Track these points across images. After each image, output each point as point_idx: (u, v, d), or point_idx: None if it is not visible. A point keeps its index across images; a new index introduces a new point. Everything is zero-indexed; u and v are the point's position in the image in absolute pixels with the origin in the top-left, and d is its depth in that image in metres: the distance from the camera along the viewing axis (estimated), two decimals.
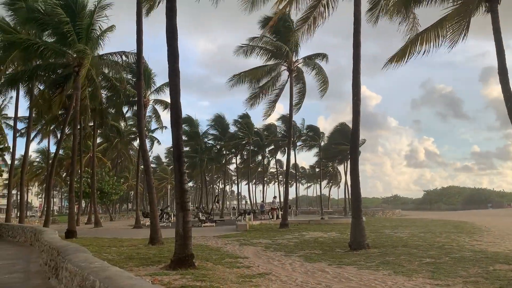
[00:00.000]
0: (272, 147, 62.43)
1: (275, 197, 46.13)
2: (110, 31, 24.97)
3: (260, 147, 59.58)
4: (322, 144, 57.96)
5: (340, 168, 64.63)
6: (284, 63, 27.71)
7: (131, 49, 23.16)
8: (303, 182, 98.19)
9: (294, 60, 27.63)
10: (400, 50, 14.64)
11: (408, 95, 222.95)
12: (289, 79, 27.72)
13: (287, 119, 41.35)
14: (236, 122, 55.32)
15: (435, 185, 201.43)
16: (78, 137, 27.85)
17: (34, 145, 60.73)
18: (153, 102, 36.13)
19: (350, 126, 15.88)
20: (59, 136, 35.82)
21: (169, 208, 39.92)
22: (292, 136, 34.89)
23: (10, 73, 25.70)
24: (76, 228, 21.93)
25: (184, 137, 42.76)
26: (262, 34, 25.86)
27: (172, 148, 11.99)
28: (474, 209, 69.81)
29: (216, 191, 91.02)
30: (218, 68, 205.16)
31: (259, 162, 67.24)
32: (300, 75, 28.62)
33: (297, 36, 20.24)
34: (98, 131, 41.37)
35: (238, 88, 30.27)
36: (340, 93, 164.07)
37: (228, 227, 27.18)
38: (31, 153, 58.81)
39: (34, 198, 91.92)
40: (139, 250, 13.78)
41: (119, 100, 30.85)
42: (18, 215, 31.41)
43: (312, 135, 58.42)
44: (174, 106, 11.10)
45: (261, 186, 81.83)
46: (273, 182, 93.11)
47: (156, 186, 51.38)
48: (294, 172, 71.17)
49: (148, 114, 37.91)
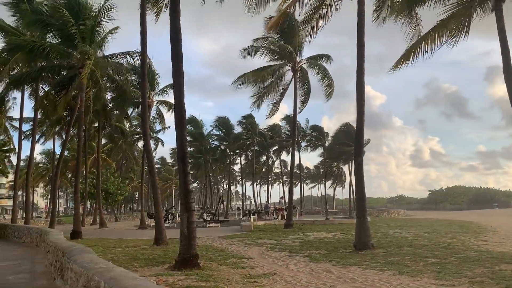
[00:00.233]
0: (276, 147, 62.48)
1: (282, 197, 45.94)
2: (114, 32, 25.08)
3: (264, 148, 59.62)
4: (326, 144, 57.93)
5: (345, 168, 64.68)
6: (288, 63, 27.69)
7: (134, 49, 23.23)
8: (308, 182, 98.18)
9: (298, 60, 27.61)
10: (406, 52, 14.59)
11: (413, 95, 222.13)
12: (293, 79, 27.71)
13: (291, 119, 41.29)
14: (240, 122, 55.51)
15: (440, 185, 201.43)
16: (83, 138, 27.93)
17: (39, 146, 60.84)
18: (157, 103, 36.24)
19: (355, 126, 15.84)
20: (64, 137, 36.03)
21: (173, 209, 39.99)
22: (296, 136, 34.84)
23: (14, 74, 25.81)
24: (81, 229, 22.04)
25: (188, 137, 43.03)
26: (266, 32, 25.72)
27: (176, 148, 12.02)
28: (480, 209, 69.25)
29: (221, 191, 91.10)
30: (222, 68, 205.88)
31: (264, 163, 67.31)
32: (304, 75, 28.57)
33: (301, 37, 20.21)
34: (103, 132, 41.51)
35: (242, 88, 30.26)
36: (344, 93, 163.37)
37: (232, 227, 27.24)
38: (36, 154, 59.29)
39: (40, 199, 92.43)
40: (144, 250, 13.85)
41: (124, 101, 30.89)
42: (24, 216, 31.57)
43: (317, 135, 58.41)
44: (178, 106, 11.14)
45: (265, 186, 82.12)
46: (277, 182, 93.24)
47: (160, 186, 51.51)
48: (299, 172, 71.14)
49: (153, 115, 38.15)
